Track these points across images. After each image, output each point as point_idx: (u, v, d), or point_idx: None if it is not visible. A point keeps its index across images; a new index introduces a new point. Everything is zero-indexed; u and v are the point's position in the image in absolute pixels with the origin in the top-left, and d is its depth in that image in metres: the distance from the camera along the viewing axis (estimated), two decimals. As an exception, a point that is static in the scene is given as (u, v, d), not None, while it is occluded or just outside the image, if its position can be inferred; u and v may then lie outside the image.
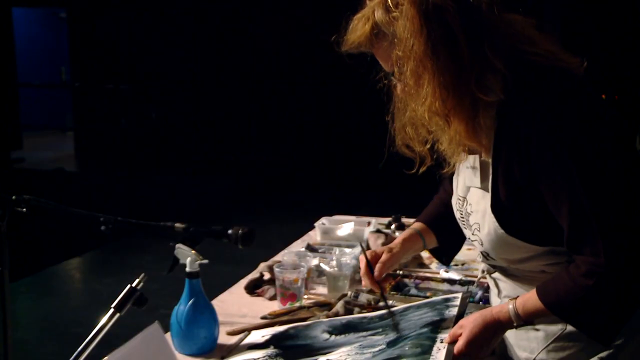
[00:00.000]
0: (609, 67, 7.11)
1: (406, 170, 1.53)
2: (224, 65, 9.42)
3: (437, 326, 1.43)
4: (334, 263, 2.01)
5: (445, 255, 1.75)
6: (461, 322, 1.36)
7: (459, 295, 1.56)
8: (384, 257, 1.60)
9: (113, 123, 10.10)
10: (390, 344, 1.43)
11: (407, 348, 1.37)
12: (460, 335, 1.33)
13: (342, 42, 1.38)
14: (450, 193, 1.64)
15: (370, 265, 1.59)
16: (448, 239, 1.70)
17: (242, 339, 1.65)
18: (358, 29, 1.34)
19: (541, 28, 1.33)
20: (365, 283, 1.61)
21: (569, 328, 1.32)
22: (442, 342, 1.36)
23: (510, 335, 1.44)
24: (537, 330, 1.37)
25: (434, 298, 1.63)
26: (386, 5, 1.29)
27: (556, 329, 1.34)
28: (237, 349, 1.60)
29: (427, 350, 1.34)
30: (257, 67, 9.26)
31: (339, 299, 1.88)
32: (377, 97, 1.46)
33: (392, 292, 1.98)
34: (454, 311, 1.48)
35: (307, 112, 9.03)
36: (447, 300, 1.56)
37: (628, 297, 1.20)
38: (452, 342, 1.34)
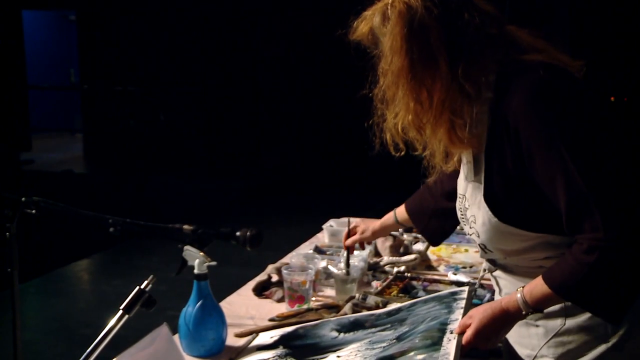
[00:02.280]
0: (618, 68, 7.08)
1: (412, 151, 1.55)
2: (231, 67, 9.44)
3: (446, 318, 1.44)
4: (341, 265, 2.01)
5: (433, 237, 1.88)
6: (471, 312, 1.37)
7: (466, 288, 1.56)
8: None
9: (122, 125, 10.13)
10: (400, 338, 1.44)
11: (417, 341, 1.38)
12: (470, 325, 1.34)
13: (349, 29, 1.42)
14: (442, 181, 1.75)
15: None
16: (430, 221, 1.84)
17: (250, 341, 1.66)
18: (360, 26, 1.39)
19: (539, 36, 1.36)
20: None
21: (569, 323, 1.33)
22: (451, 333, 1.36)
23: (511, 333, 1.44)
24: (537, 326, 1.38)
25: (440, 292, 1.63)
26: (384, 15, 1.33)
27: (556, 324, 1.35)
28: (246, 350, 1.61)
29: (438, 342, 1.34)
30: (265, 69, 9.27)
31: (347, 301, 1.87)
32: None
33: (400, 295, 1.98)
34: (461, 303, 1.48)
35: (314, 114, 9.03)
36: (454, 293, 1.56)
37: (631, 271, 1.19)
38: (462, 333, 1.34)
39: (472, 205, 1.41)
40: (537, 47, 1.32)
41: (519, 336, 1.43)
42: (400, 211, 1.95)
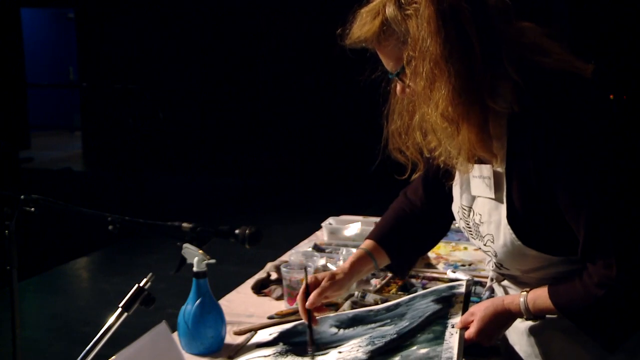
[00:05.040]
0: (617, 66, 7.07)
1: (397, 176, 1.52)
2: (230, 66, 9.43)
3: (446, 312, 1.44)
4: (340, 263, 2.01)
5: (400, 272, 1.71)
6: (472, 309, 1.37)
7: (463, 282, 1.56)
8: (323, 284, 1.50)
9: (120, 123, 10.13)
10: (401, 333, 1.44)
11: (419, 335, 1.38)
12: (472, 322, 1.34)
13: (346, 35, 1.32)
14: (412, 202, 1.64)
15: (308, 292, 1.50)
16: (403, 255, 1.64)
17: (249, 339, 1.66)
18: (366, 23, 1.28)
19: (551, 35, 1.30)
20: (299, 309, 1.52)
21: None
22: (453, 327, 1.37)
23: (523, 342, 1.44)
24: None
25: (438, 286, 1.63)
26: (399, 1, 1.24)
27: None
28: (245, 348, 1.61)
29: (440, 336, 1.35)
30: (264, 68, 9.26)
31: (346, 299, 1.88)
32: (384, 96, 1.44)
33: (399, 293, 1.98)
34: (460, 297, 1.49)
35: (313, 112, 9.03)
36: (452, 287, 1.57)
37: (637, 310, 1.20)
38: (464, 328, 1.35)
39: (488, 223, 1.35)
40: (548, 48, 1.27)
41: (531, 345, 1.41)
42: (372, 247, 1.61)
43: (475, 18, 1.19)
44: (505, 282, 1.47)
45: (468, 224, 1.44)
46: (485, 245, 1.39)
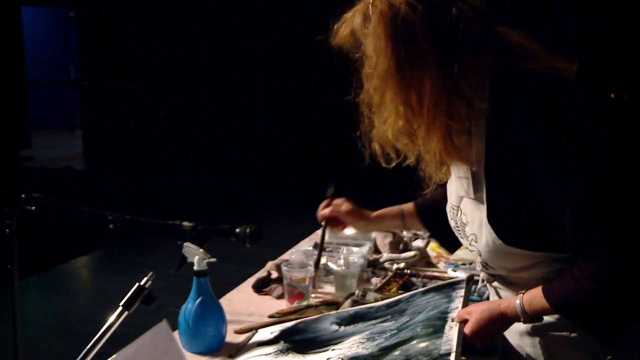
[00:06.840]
0: (617, 66, 7.07)
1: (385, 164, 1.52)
2: (231, 65, 9.43)
3: (447, 307, 1.45)
4: (341, 262, 2.01)
5: (446, 245, 1.77)
6: (470, 308, 1.37)
7: (464, 277, 1.57)
8: (343, 205, 1.82)
9: (121, 122, 10.12)
10: (401, 328, 1.44)
11: (419, 329, 1.38)
12: (467, 321, 1.34)
13: (332, 34, 1.37)
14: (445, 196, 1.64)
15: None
16: (444, 230, 1.65)
17: (250, 338, 1.66)
18: (341, 30, 1.34)
19: (531, 36, 1.31)
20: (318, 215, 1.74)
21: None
22: (452, 321, 1.37)
23: (522, 344, 1.44)
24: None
25: (439, 283, 1.64)
26: (365, 15, 1.28)
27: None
28: (246, 347, 1.61)
29: (439, 330, 1.35)
30: (264, 67, 9.26)
31: (347, 298, 1.88)
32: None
33: (399, 292, 1.98)
34: (460, 292, 1.49)
35: (313, 112, 9.02)
36: (453, 283, 1.57)
37: (631, 302, 1.20)
38: (462, 322, 1.35)
39: (471, 223, 1.37)
40: (530, 52, 1.28)
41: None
42: (408, 210, 1.76)
43: (431, 31, 1.20)
44: (496, 284, 1.48)
45: (457, 224, 1.45)
46: (470, 245, 1.41)
